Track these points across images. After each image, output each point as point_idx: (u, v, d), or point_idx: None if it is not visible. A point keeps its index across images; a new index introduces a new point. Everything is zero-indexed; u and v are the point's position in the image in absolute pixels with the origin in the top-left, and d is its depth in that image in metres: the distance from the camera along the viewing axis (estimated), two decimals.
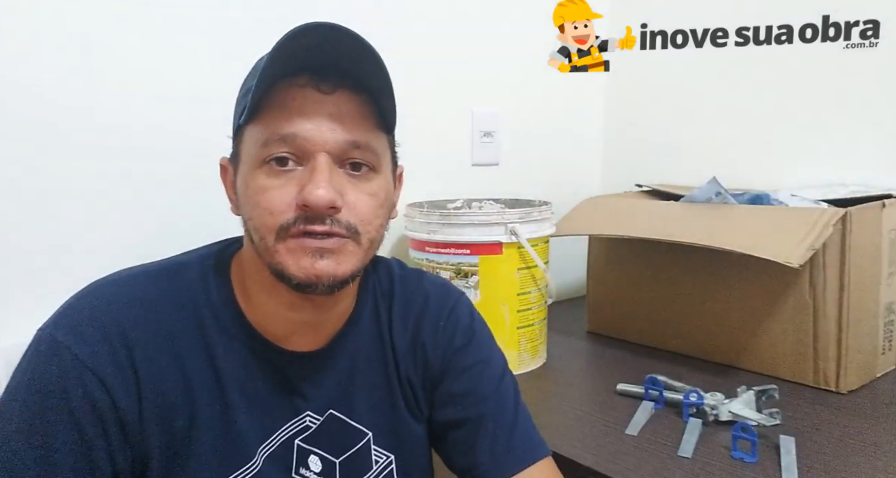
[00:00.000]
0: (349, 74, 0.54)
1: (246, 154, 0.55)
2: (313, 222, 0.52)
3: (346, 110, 0.54)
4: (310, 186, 0.51)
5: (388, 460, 0.64)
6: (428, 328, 0.67)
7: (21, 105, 0.80)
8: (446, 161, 1.26)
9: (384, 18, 1.12)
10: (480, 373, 0.67)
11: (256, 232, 0.54)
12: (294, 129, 0.52)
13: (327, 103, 0.53)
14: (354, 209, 0.54)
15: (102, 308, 0.53)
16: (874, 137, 1.12)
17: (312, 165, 0.52)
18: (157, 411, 0.53)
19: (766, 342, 0.97)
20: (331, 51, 0.52)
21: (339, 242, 0.53)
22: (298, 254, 0.52)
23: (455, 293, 0.72)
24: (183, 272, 0.59)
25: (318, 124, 0.52)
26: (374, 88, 0.55)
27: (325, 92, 0.53)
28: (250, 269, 0.59)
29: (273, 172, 0.53)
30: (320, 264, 0.52)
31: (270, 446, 0.58)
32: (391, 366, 0.65)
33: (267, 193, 0.52)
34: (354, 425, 0.63)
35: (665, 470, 0.71)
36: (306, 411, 0.60)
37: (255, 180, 0.53)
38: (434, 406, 0.67)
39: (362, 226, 0.54)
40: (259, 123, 0.53)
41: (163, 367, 0.54)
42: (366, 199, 0.55)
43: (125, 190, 0.88)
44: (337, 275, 0.53)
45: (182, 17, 0.90)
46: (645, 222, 1.05)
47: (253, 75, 0.55)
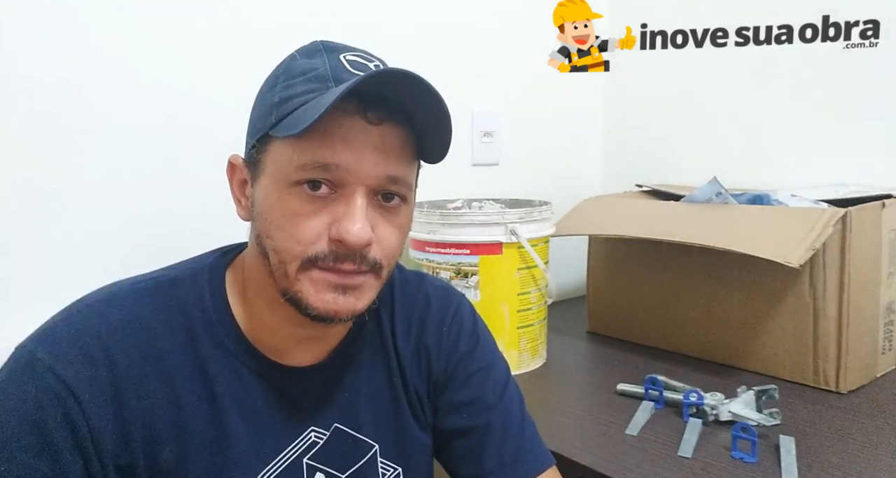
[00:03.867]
0: (397, 105, 0.51)
1: (274, 169, 0.52)
2: (343, 261, 0.50)
3: (390, 143, 0.52)
4: (347, 223, 0.49)
5: (395, 472, 0.63)
6: (431, 333, 0.66)
7: (21, 105, 0.80)
8: (446, 161, 1.25)
9: (384, 19, 1.12)
10: (485, 380, 0.66)
11: (276, 255, 0.51)
12: (336, 159, 0.49)
13: (373, 134, 0.51)
14: (382, 244, 0.53)
15: (88, 331, 0.51)
16: (874, 137, 1.12)
17: (350, 197, 0.50)
18: (141, 440, 0.51)
19: (766, 342, 0.97)
20: (383, 82, 0.50)
21: (361, 278, 0.52)
22: (321, 287, 0.51)
23: (456, 296, 0.70)
24: (175, 288, 0.56)
25: (361, 157, 0.50)
26: (421, 122, 0.53)
27: (371, 122, 0.50)
28: (254, 280, 0.56)
29: (306, 197, 0.50)
30: (342, 301, 0.51)
31: (276, 468, 0.56)
32: (396, 375, 0.64)
33: (297, 219, 0.50)
34: (361, 438, 0.61)
35: (665, 470, 0.71)
36: (310, 427, 0.59)
37: (284, 202, 0.51)
38: (438, 414, 0.66)
39: (386, 260, 0.53)
40: (297, 142, 0.50)
41: (151, 395, 0.51)
42: (394, 231, 0.54)
43: (125, 192, 0.88)
44: (356, 310, 0.53)
45: (185, 16, 0.90)
46: (645, 222, 1.04)
47: (287, 81, 0.52)
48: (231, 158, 0.58)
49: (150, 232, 0.90)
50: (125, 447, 0.50)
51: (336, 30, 1.05)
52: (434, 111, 0.51)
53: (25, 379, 0.48)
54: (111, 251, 0.87)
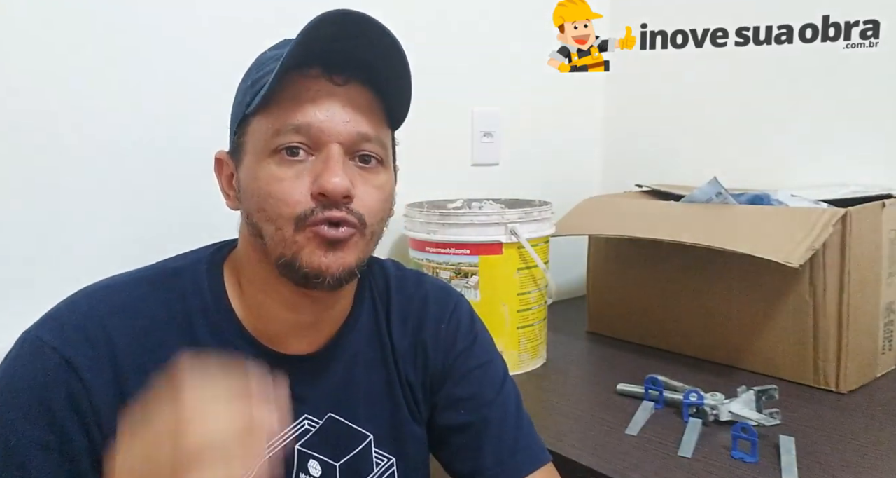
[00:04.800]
0: (361, 67, 0.54)
1: (253, 145, 0.54)
2: (331, 209, 0.52)
3: (358, 103, 0.54)
4: (326, 175, 0.51)
5: (389, 463, 0.64)
6: (429, 330, 0.66)
7: (18, 105, 0.80)
8: (446, 161, 1.26)
9: (384, 19, 1.12)
10: (483, 376, 0.67)
11: (271, 222, 0.53)
12: (308, 119, 0.52)
13: (340, 95, 0.53)
14: (363, 201, 0.54)
15: (91, 314, 0.53)
16: (874, 137, 1.12)
17: (326, 154, 0.52)
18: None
19: (766, 342, 0.97)
20: (344, 42, 0.52)
21: (350, 231, 0.53)
22: (315, 244, 0.52)
23: (454, 294, 0.71)
24: (175, 278, 0.58)
25: (332, 115, 0.53)
26: (385, 83, 0.55)
27: (337, 83, 0.53)
28: (247, 268, 0.58)
29: (285, 162, 0.53)
30: (330, 256, 0.53)
31: (268, 452, 0.57)
32: (391, 367, 0.65)
33: (281, 184, 0.52)
34: (355, 428, 0.62)
35: (665, 470, 0.71)
36: (304, 414, 0.60)
37: (266, 170, 0.53)
38: (435, 410, 0.66)
39: (369, 217, 0.55)
40: (269, 113, 0.53)
41: (149, 375, 0.52)
42: (373, 191, 0.55)
43: (123, 190, 0.88)
44: (344, 265, 0.54)
45: (187, 17, 0.91)
46: (645, 222, 1.04)
47: (258, 67, 0.56)
48: (217, 154, 0.61)
49: (150, 233, 0.90)
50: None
51: None
52: (391, 60, 0.53)
53: (32, 360, 0.51)
54: (111, 251, 0.87)
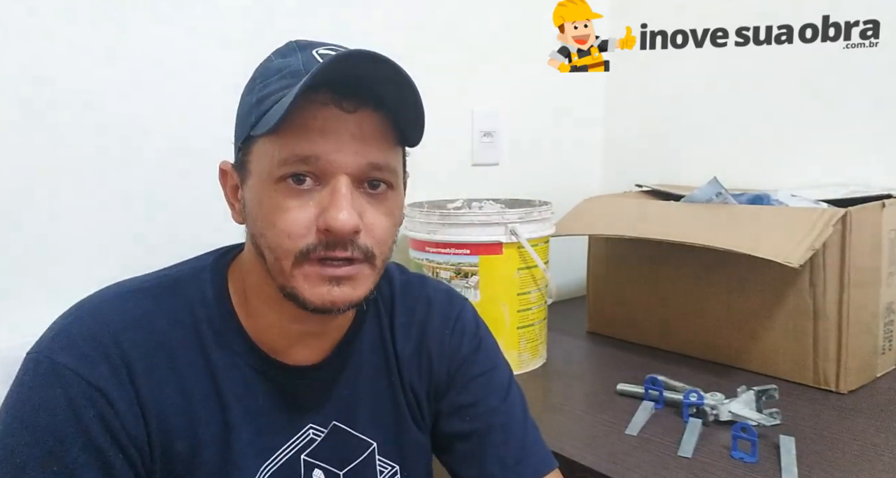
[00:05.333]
0: (371, 92, 0.52)
1: (258, 168, 0.53)
2: (334, 248, 0.51)
3: (369, 130, 0.52)
4: (332, 211, 0.50)
5: (392, 471, 0.63)
6: (434, 337, 0.66)
7: (23, 103, 0.80)
8: (446, 161, 1.26)
9: (384, 19, 1.12)
10: (488, 383, 0.66)
11: (271, 251, 0.52)
12: (316, 150, 0.50)
13: (350, 123, 0.51)
14: (372, 232, 0.53)
15: (99, 329, 0.52)
16: (874, 137, 1.12)
17: (334, 186, 0.51)
18: (158, 433, 0.52)
19: (766, 342, 0.97)
20: (354, 68, 0.50)
21: (355, 269, 0.52)
22: (315, 281, 0.51)
23: (459, 300, 0.71)
24: (179, 287, 0.57)
25: (341, 146, 0.51)
26: (396, 106, 0.53)
27: (347, 110, 0.51)
28: (252, 278, 0.57)
29: (291, 192, 0.51)
30: (336, 292, 0.52)
31: (273, 464, 0.57)
32: (394, 374, 0.64)
33: (285, 214, 0.51)
34: (359, 436, 0.62)
35: (665, 470, 0.71)
36: (309, 424, 0.59)
37: (271, 199, 0.51)
38: (440, 417, 0.66)
39: (378, 248, 0.53)
40: (277, 139, 0.51)
41: (163, 389, 0.53)
42: (383, 220, 0.54)
43: (128, 192, 0.88)
44: (353, 300, 0.53)
45: (190, 16, 0.91)
46: (645, 222, 1.05)
47: (264, 81, 0.54)
48: (221, 165, 0.59)
49: (150, 233, 0.90)
50: (149, 440, 0.52)
51: (335, 30, 1.05)
52: (402, 89, 0.51)
53: (51, 385, 0.49)
54: (111, 252, 0.87)
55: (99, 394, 0.49)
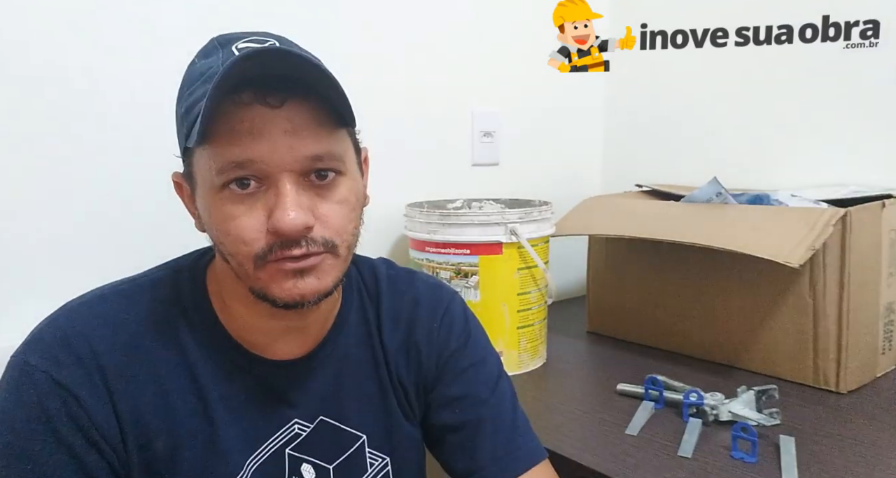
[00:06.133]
0: (294, 81, 0.49)
1: (201, 177, 0.52)
2: (290, 247, 0.50)
3: (300, 122, 0.49)
4: (279, 213, 0.48)
5: (383, 463, 0.64)
6: (422, 330, 0.66)
7: (21, 104, 0.80)
8: (446, 161, 1.26)
9: (384, 19, 1.12)
10: (476, 375, 0.66)
11: (232, 257, 0.52)
12: (249, 154, 0.48)
13: (279, 118, 0.49)
14: (327, 223, 0.52)
15: (74, 332, 0.52)
16: (874, 137, 1.12)
17: (276, 188, 0.49)
18: (135, 432, 0.52)
19: (766, 342, 0.97)
20: (268, 62, 0.48)
21: (316, 259, 0.51)
22: (279, 278, 0.51)
23: (448, 293, 0.71)
24: (157, 288, 0.57)
25: (274, 144, 0.48)
26: (322, 89, 0.50)
27: (273, 106, 0.48)
28: (226, 282, 0.57)
29: (236, 198, 0.50)
30: (302, 284, 0.51)
31: (259, 458, 0.57)
32: (382, 367, 0.64)
33: (235, 222, 0.50)
34: (347, 430, 0.62)
35: (665, 470, 0.71)
36: (294, 418, 0.59)
37: (218, 208, 0.50)
38: (430, 409, 0.67)
39: (338, 238, 0.53)
40: (209, 147, 0.49)
41: (140, 390, 0.53)
42: (336, 209, 0.52)
43: (125, 194, 0.88)
44: (321, 290, 0.53)
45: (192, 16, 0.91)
46: (645, 222, 1.04)
47: (189, 89, 0.52)
48: (173, 177, 0.58)
49: (151, 233, 0.90)
50: (123, 440, 0.52)
51: (335, 30, 1.05)
52: (318, 72, 0.49)
53: (25, 386, 0.50)
54: (112, 252, 0.87)
55: (68, 394, 0.50)
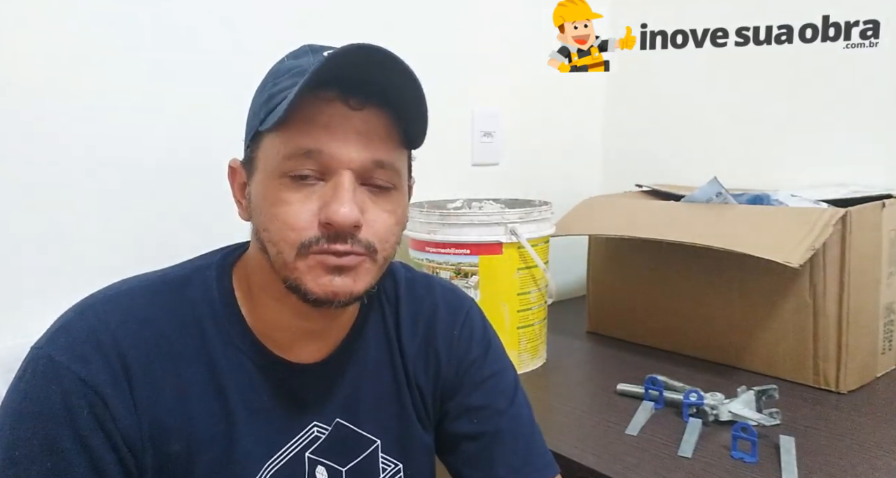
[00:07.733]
0: (378, 91, 0.52)
1: (264, 163, 0.53)
2: (335, 241, 0.51)
3: (374, 128, 0.52)
4: (334, 205, 0.50)
5: (395, 468, 0.63)
6: (441, 337, 0.66)
7: (24, 107, 0.80)
8: (446, 161, 1.26)
9: (384, 19, 1.12)
10: (496, 385, 0.66)
11: (273, 245, 0.52)
12: (320, 145, 0.51)
13: (355, 120, 0.52)
14: (374, 227, 0.53)
15: (100, 327, 0.52)
16: (874, 137, 1.12)
17: (336, 181, 0.51)
18: (152, 434, 0.52)
19: (766, 342, 0.97)
20: (362, 65, 0.50)
21: (356, 259, 0.52)
22: (317, 270, 0.52)
23: (466, 300, 0.71)
24: (184, 285, 0.57)
25: (345, 142, 0.51)
26: (402, 106, 0.53)
27: (353, 108, 0.52)
28: (257, 275, 0.58)
29: (294, 186, 0.51)
30: (337, 282, 0.52)
31: (278, 462, 0.57)
32: (400, 371, 0.64)
33: (287, 207, 0.51)
34: (362, 434, 0.62)
35: (665, 470, 0.71)
36: (313, 422, 0.59)
37: (275, 192, 0.52)
38: (446, 417, 0.66)
39: (380, 244, 0.54)
40: (282, 133, 0.52)
41: (160, 389, 0.53)
42: (385, 217, 0.54)
43: (132, 192, 0.88)
44: (353, 292, 0.53)
45: (193, 17, 0.91)
46: (645, 222, 1.05)
47: (274, 80, 0.54)
48: (231, 162, 0.60)
49: (154, 232, 0.90)
50: (142, 439, 0.52)
51: (335, 31, 1.05)
52: (406, 86, 0.51)
53: (48, 382, 0.50)
54: (115, 252, 0.87)
55: (94, 393, 0.50)
